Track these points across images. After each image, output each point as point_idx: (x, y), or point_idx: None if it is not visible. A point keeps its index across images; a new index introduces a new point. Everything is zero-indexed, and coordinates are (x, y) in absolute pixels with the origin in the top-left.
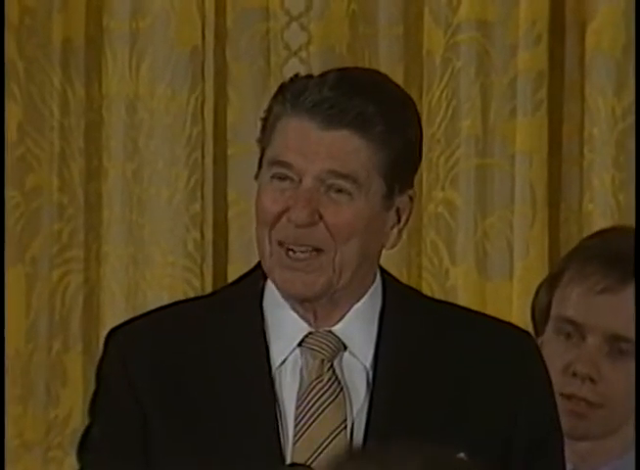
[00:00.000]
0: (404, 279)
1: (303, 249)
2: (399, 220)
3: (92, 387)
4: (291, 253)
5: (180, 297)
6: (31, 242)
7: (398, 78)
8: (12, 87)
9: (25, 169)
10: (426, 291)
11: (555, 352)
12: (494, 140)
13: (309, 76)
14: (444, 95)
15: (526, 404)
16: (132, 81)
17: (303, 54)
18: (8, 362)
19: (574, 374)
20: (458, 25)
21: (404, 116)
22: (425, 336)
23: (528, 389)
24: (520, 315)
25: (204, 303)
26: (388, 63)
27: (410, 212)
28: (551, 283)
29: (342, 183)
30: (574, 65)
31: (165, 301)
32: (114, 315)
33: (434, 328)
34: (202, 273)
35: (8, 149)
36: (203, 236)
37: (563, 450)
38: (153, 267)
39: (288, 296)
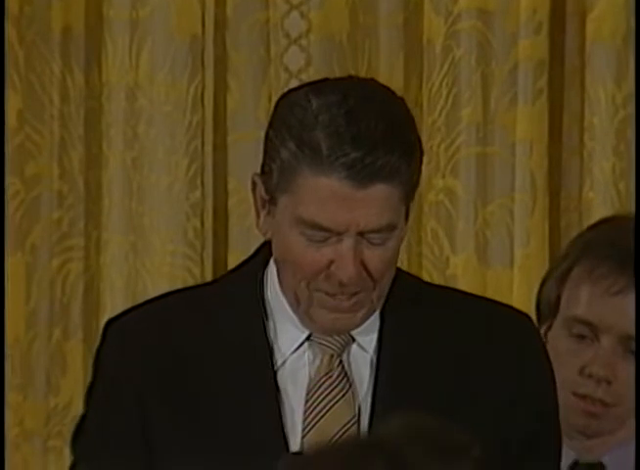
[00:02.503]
0: (405, 268)
1: (346, 296)
2: (408, 216)
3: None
4: (331, 297)
5: (180, 285)
6: (31, 230)
7: (399, 67)
8: (12, 75)
9: (25, 157)
10: (426, 279)
11: (567, 350)
12: (495, 128)
13: (308, 101)
14: (445, 83)
15: (526, 388)
16: (132, 69)
17: (303, 42)
18: (8, 351)
19: (590, 376)
20: (458, 14)
21: (414, 139)
22: (426, 321)
23: (528, 372)
24: (520, 303)
25: (203, 292)
26: (389, 51)
27: (414, 202)
28: (559, 278)
29: (382, 234)
30: (575, 53)
31: (165, 289)
32: (114, 303)
33: (435, 313)
34: (202, 261)
35: (8, 136)
36: (203, 224)
37: (560, 438)
38: (153, 255)
39: (323, 332)
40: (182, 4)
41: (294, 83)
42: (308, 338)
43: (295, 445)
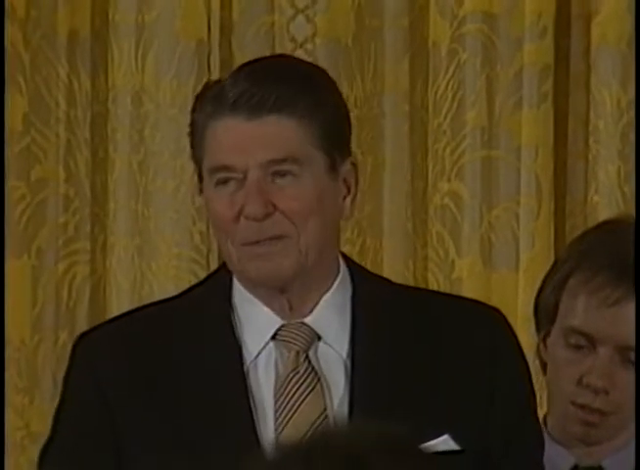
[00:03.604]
0: (410, 271)
1: (267, 240)
2: (349, 191)
3: None
4: (256, 246)
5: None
6: (37, 234)
7: (404, 70)
8: (18, 79)
9: (31, 161)
10: (431, 282)
11: (565, 359)
12: (500, 132)
13: (220, 80)
14: (450, 87)
15: (501, 384)
16: (138, 73)
17: (309, 46)
18: (14, 354)
19: (588, 386)
20: (464, 17)
21: (322, 86)
22: (397, 321)
23: (502, 368)
24: (525, 307)
25: (172, 304)
26: (394, 54)
27: (357, 180)
28: (557, 286)
29: (284, 167)
30: (580, 57)
31: (171, 292)
32: (120, 307)
33: (405, 313)
34: (207, 264)
35: (14, 140)
36: (208, 228)
37: (540, 428)
38: (159, 259)
39: (262, 285)
40: (188, 8)
41: None
42: (274, 337)
43: (269, 443)
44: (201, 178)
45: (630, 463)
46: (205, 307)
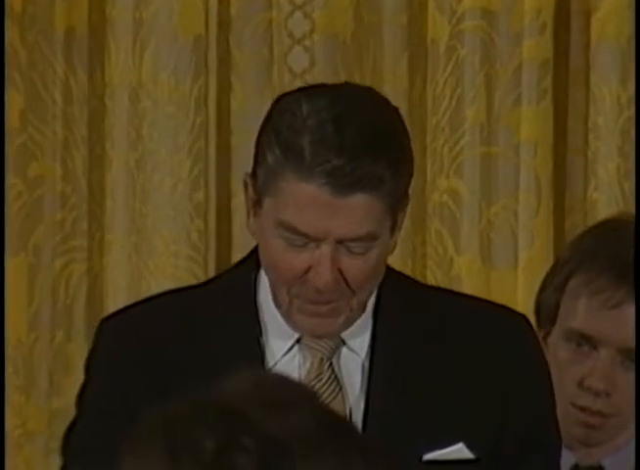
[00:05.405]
0: (409, 269)
1: (323, 302)
2: (397, 229)
3: None
4: (311, 304)
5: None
6: (34, 231)
7: (403, 67)
8: (14, 75)
9: (28, 158)
10: (430, 280)
11: (566, 359)
12: (499, 129)
13: (301, 121)
14: (449, 83)
15: (521, 388)
16: (135, 70)
17: (307, 42)
18: (10, 352)
19: (589, 388)
20: (462, 14)
21: (403, 150)
22: (419, 323)
23: (522, 374)
24: (525, 304)
25: (196, 294)
26: (393, 51)
27: (405, 215)
28: (557, 287)
29: (361, 243)
30: (579, 53)
31: None
32: (117, 305)
33: (427, 314)
34: (205, 263)
35: (10, 137)
36: (206, 225)
37: (559, 437)
38: (156, 256)
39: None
40: (185, 4)
41: (298, 84)
42: (298, 341)
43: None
44: (255, 203)
45: (630, 462)
46: (230, 303)
